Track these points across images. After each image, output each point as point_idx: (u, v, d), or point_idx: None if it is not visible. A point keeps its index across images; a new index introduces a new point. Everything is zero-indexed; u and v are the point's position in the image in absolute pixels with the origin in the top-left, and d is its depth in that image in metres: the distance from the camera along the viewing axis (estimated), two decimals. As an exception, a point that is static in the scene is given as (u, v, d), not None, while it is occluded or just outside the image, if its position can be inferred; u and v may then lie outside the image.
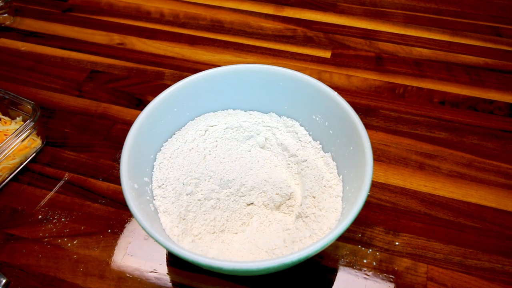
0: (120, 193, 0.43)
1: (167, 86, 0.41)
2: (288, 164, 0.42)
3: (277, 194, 0.39)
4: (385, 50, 0.60)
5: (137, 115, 0.38)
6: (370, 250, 0.40)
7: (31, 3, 0.69)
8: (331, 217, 0.35)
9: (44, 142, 0.49)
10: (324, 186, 0.38)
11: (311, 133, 0.42)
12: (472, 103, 0.53)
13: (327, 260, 0.39)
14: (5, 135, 0.46)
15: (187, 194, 0.38)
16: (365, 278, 0.38)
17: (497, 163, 0.47)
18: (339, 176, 0.38)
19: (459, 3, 0.68)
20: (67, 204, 0.44)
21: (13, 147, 0.44)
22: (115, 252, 0.40)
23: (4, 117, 0.49)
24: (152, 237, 0.30)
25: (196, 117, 0.43)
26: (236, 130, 0.43)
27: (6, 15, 0.65)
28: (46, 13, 0.67)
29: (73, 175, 0.46)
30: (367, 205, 0.43)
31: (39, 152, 0.48)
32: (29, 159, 0.47)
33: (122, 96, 0.54)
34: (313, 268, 0.39)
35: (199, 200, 0.38)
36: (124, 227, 0.42)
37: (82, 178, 0.46)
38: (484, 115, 0.52)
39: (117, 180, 0.46)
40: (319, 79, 0.48)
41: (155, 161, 0.39)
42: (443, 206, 0.43)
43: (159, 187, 0.38)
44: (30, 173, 0.46)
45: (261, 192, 0.40)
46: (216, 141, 0.42)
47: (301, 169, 0.40)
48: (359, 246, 0.40)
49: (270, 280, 0.38)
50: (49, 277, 0.39)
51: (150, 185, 0.38)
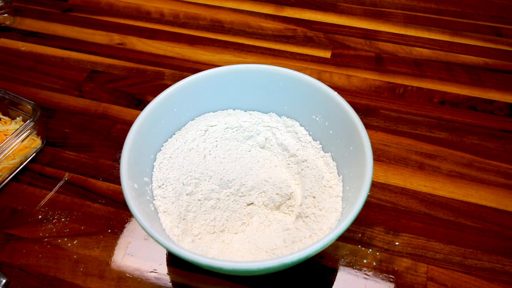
0: (120, 193, 0.43)
1: (167, 86, 0.41)
2: (288, 164, 0.42)
3: (277, 194, 0.39)
4: (385, 50, 0.60)
5: (137, 115, 0.38)
6: (370, 250, 0.40)
7: (31, 3, 0.69)
8: (331, 217, 0.35)
9: (44, 142, 0.49)
10: (324, 186, 0.38)
11: (311, 133, 0.42)
12: (472, 103, 0.53)
13: (327, 260, 0.39)
14: (5, 135, 0.46)
15: (187, 194, 0.38)
16: (365, 278, 0.38)
17: (497, 163, 0.47)
18: (339, 176, 0.38)
19: (459, 3, 0.68)
20: (67, 204, 0.44)
21: (13, 147, 0.44)
22: (115, 252, 0.40)
23: (4, 117, 0.49)
24: (152, 237, 0.30)
25: (196, 117, 0.43)
26: (236, 130, 0.43)
27: (6, 15, 0.65)
28: (46, 13, 0.67)
29: (73, 175, 0.46)
30: (367, 205, 0.43)
31: (39, 152, 0.48)
32: (29, 159, 0.47)
33: (122, 96, 0.54)
34: (313, 268, 0.39)
35: (199, 200, 0.38)
36: (124, 227, 0.42)
37: (82, 178, 0.46)
38: (484, 115, 0.52)
39: (117, 180, 0.46)
40: (319, 79, 0.48)
41: (155, 161, 0.39)
42: (443, 206, 0.43)
43: (159, 187, 0.38)
44: (30, 173, 0.46)
45: (261, 192, 0.40)
46: (216, 141, 0.42)
47: (301, 169, 0.40)
48: (359, 246, 0.40)
49: (270, 280, 0.38)
50: (49, 277, 0.39)
51: (150, 185, 0.38)
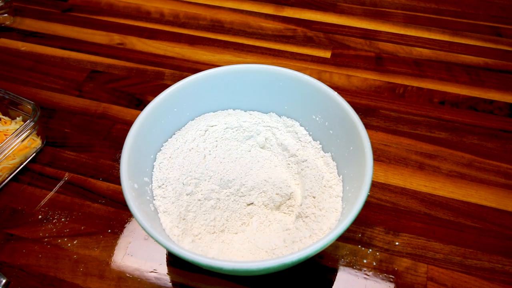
0: (120, 193, 0.43)
1: (167, 86, 0.41)
2: (288, 164, 0.42)
3: (277, 194, 0.39)
4: (385, 50, 0.60)
5: (137, 115, 0.38)
6: (370, 250, 0.40)
7: (31, 3, 0.69)
8: (331, 217, 0.35)
9: (44, 142, 0.49)
10: (324, 186, 0.38)
11: (311, 133, 0.42)
12: (472, 103, 0.53)
13: (327, 260, 0.39)
14: (5, 135, 0.46)
15: (187, 194, 0.38)
16: (365, 278, 0.38)
17: (497, 163, 0.47)
18: (339, 176, 0.38)
19: (459, 3, 0.68)
20: (67, 204, 0.44)
21: (13, 147, 0.44)
22: (115, 252, 0.40)
23: (4, 117, 0.49)
24: (152, 237, 0.30)
25: (196, 117, 0.43)
26: (236, 130, 0.43)
27: (6, 15, 0.65)
28: (46, 13, 0.67)
29: (73, 175, 0.46)
30: (367, 205, 0.43)
31: (39, 152, 0.48)
32: (29, 159, 0.47)
33: (122, 96, 0.54)
34: (313, 268, 0.39)
35: (199, 200, 0.38)
36: (124, 227, 0.42)
37: (82, 178, 0.46)
38: (484, 115, 0.52)
39: (117, 180, 0.46)
40: (319, 79, 0.48)
41: (155, 161, 0.39)
42: (443, 206, 0.43)
43: (159, 187, 0.38)
44: (30, 173, 0.46)
45: (261, 192, 0.40)
46: (216, 141, 0.42)
47: (301, 169, 0.40)
48: (359, 246, 0.40)
49: (270, 280, 0.38)
50: (49, 277, 0.39)
51: (150, 185, 0.38)
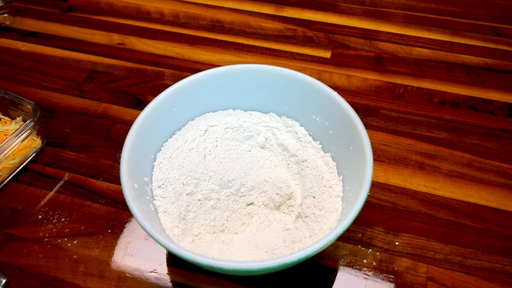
0: (120, 193, 0.43)
1: (167, 86, 0.41)
2: (288, 164, 0.42)
3: (277, 194, 0.39)
4: (385, 50, 0.60)
5: (137, 115, 0.38)
6: (370, 250, 0.40)
7: (31, 3, 0.69)
8: (331, 217, 0.35)
9: (44, 142, 0.49)
10: (324, 186, 0.38)
11: (311, 133, 0.42)
12: (472, 103, 0.53)
13: (327, 260, 0.39)
14: (5, 135, 0.46)
15: (187, 194, 0.38)
16: (365, 278, 0.38)
17: (497, 163, 0.47)
18: (339, 176, 0.38)
19: (459, 3, 0.68)
20: (67, 204, 0.44)
21: (13, 147, 0.44)
22: (115, 252, 0.40)
23: (4, 117, 0.49)
24: (152, 237, 0.30)
25: (196, 117, 0.43)
26: (236, 130, 0.43)
27: (6, 15, 0.65)
28: (46, 13, 0.67)
29: (73, 175, 0.46)
30: (367, 205, 0.43)
31: (39, 152, 0.48)
32: (29, 159, 0.47)
33: (122, 96, 0.54)
34: (313, 268, 0.39)
35: (199, 200, 0.38)
36: (124, 227, 0.42)
37: (82, 178, 0.46)
38: (484, 115, 0.52)
39: (117, 180, 0.46)
40: (319, 79, 0.48)
41: (155, 161, 0.39)
42: (443, 206, 0.43)
43: (159, 187, 0.38)
44: (30, 173, 0.46)
45: (261, 192, 0.40)
46: (216, 141, 0.42)
47: (301, 169, 0.40)
48: (359, 246, 0.40)
49: (270, 280, 0.38)
50: (49, 277, 0.39)
51: (150, 185, 0.38)
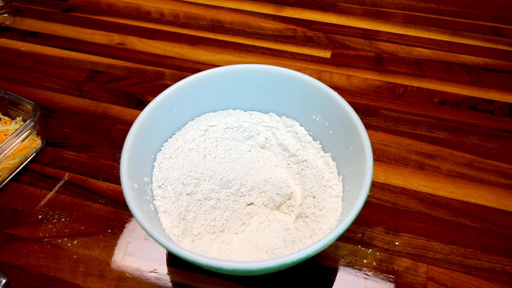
0: (120, 193, 0.43)
1: (167, 86, 0.41)
2: (288, 164, 0.42)
3: (277, 194, 0.39)
4: (385, 50, 0.60)
5: (137, 115, 0.38)
6: (370, 250, 0.40)
7: (31, 3, 0.69)
8: (331, 217, 0.35)
9: (44, 142, 0.49)
10: (324, 186, 0.38)
11: (311, 133, 0.42)
12: (472, 103, 0.53)
13: (327, 260, 0.39)
14: (5, 135, 0.46)
15: (187, 194, 0.38)
16: (365, 278, 0.38)
17: (497, 163, 0.47)
18: (339, 176, 0.38)
19: (459, 3, 0.68)
20: (67, 204, 0.44)
21: (13, 147, 0.44)
22: (115, 252, 0.40)
23: (4, 117, 0.49)
24: (152, 237, 0.30)
25: (196, 117, 0.43)
26: (236, 130, 0.43)
27: (6, 15, 0.65)
28: (46, 13, 0.67)
29: (73, 175, 0.46)
30: (367, 205, 0.43)
31: (39, 152, 0.48)
32: (29, 159, 0.47)
33: (122, 96, 0.54)
34: (313, 268, 0.39)
35: (199, 200, 0.38)
36: (124, 227, 0.42)
37: (82, 178, 0.46)
38: (484, 115, 0.52)
39: (117, 180, 0.46)
40: (319, 79, 0.48)
41: (155, 161, 0.39)
42: (443, 206, 0.43)
43: (159, 187, 0.38)
44: (30, 173, 0.46)
45: (261, 192, 0.40)
46: (216, 141, 0.42)
47: (301, 169, 0.40)
48: (359, 246, 0.40)
49: (270, 280, 0.38)
50: (49, 277, 0.39)
51: (150, 185, 0.38)
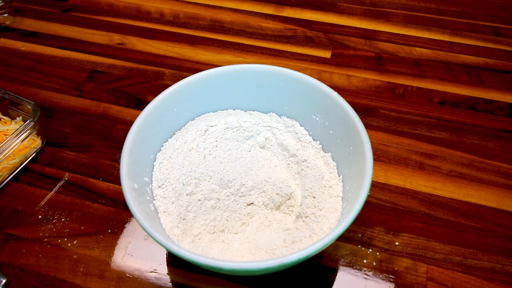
0: (120, 193, 0.43)
1: (167, 86, 0.41)
2: (288, 164, 0.42)
3: (277, 194, 0.39)
4: (385, 50, 0.60)
5: (137, 115, 0.38)
6: (370, 250, 0.40)
7: (31, 3, 0.69)
8: (331, 217, 0.35)
9: (44, 142, 0.49)
10: (324, 186, 0.38)
11: (311, 133, 0.42)
12: (472, 103, 0.53)
13: (327, 260, 0.39)
14: (5, 135, 0.46)
15: (187, 194, 0.38)
16: (365, 278, 0.38)
17: (497, 163, 0.47)
18: (339, 176, 0.38)
19: (459, 3, 0.68)
20: (67, 204, 0.44)
21: (13, 147, 0.44)
22: (115, 252, 0.40)
23: (4, 117, 0.49)
24: (152, 237, 0.30)
25: (196, 117, 0.43)
26: (236, 130, 0.43)
27: (6, 15, 0.65)
28: (46, 13, 0.67)
29: (73, 175, 0.46)
30: (367, 205, 0.43)
31: (39, 152, 0.48)
32: (29, 159, 0.47)
33: (122, 96, 0.54)
34: (313, 268, 0.39)
35: (199, 200, 0.38)
36: (124, 227, 0.42)
37: (82, 178, 0.46)
38: (484, 115, 0.52)
39: (117, 180, 0.46)
40: (319, 79, 0.48)
41: (155, 161, 0.39)
42: (443, 206, 0.43)
43: (159, 187, 0.38)
44: (30, 173, 0.46)
45: (261, 192, 0.40)
46: (216, 141, 0.42)
47: (301, 169, 0.40)
48: (359, 246, 0.40)
49: (270, 280, 0.38)
50: (49, 277, 0.39)
51: (150, 185, 0.38)
